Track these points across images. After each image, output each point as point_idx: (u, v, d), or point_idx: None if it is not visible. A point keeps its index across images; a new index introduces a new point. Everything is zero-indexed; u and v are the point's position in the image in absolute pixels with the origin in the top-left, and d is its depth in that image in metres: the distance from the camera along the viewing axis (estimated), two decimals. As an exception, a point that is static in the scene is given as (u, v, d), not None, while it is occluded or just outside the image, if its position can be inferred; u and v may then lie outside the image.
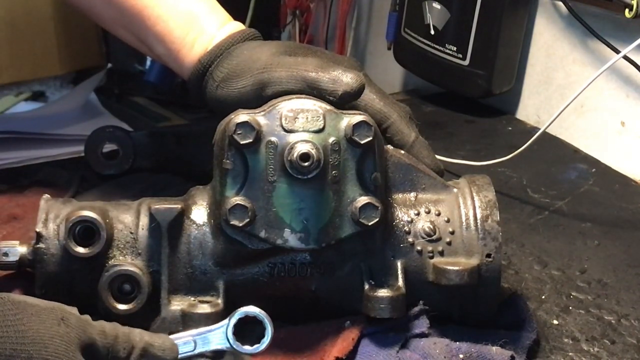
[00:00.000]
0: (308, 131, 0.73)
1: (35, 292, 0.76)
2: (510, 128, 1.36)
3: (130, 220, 0.77)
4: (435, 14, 1.36)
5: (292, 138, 0.73)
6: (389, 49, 1.52)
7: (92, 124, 1.04)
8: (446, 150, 1.20)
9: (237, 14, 0.92)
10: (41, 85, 1.51)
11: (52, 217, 0.77)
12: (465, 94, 1.40)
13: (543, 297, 0.90)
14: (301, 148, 0.72)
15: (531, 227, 1.05)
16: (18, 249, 0.78)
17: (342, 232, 0.74)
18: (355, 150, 0.74)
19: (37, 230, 0.76)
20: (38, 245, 0.76)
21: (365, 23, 1.72)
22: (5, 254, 0.78)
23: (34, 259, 0.76)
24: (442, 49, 1.37)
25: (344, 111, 0.75)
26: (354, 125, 0.73)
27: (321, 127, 0.73)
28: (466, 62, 1.34)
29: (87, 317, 0.64)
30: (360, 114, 0.75)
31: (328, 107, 0.75)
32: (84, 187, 1.01)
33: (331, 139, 0.73)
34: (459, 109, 1.40)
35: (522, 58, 1.37)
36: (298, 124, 0.73)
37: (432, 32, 1.37)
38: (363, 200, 0.74)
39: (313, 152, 0.72)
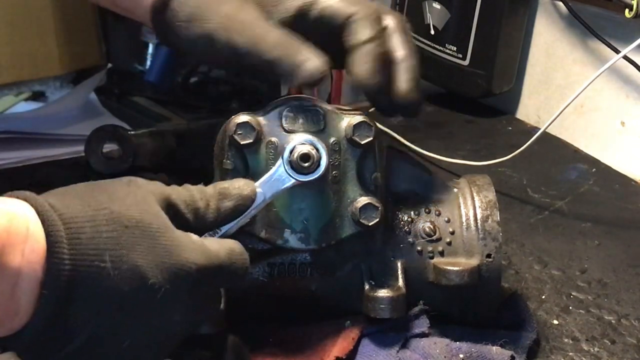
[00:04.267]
0: (308, 131, 0.73)
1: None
2: (510, 128, 1.36)
3: (130, 220, 0.77)
4: (435, 14, 1.36)
5: (292, 138, 0.73)
6: (389, 48, 1.52)
7: (92, 124, 1.04)
8: (446, 150, 1.20)
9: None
10: (41, 85, 1.51)
11: (52, 217, 0.77)
12: (465, 94, 1.40)
13: (543, 297, 0.90)
14: (301, 148, 0.72)
15: (531, 227, 1.05)
16: (18, 249, 0.78)
17: (342, 233, 0.74)
18: (355, 150, 0.74)
19: (38, 230, 0.76)
20: (38, 246, 0.76)
21: (365, 23, 1.72)
22: (6, 254, 0.78)
23: (34, 259, 0.76)
24: (442, 49, 1.37)
25: (344, 112, 0.75)
26: (354, 125, 0.73)
27: (321, 127, 0.73)
28: (466, 62, 1.34)
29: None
30: (360, 114, 0.75)
31: (329, 107, 0.75)
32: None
33: (331, 139, 0.73)
34: (459, 109, 1.40)
35: (522, 58, 1.37)
36: (298, 124, 0.74)
37: (432, 32, 1.37)
38: (363, 200, 0.74)
39: (313, 152, 0.72)
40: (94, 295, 0.55)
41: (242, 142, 0.73)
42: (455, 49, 1.35)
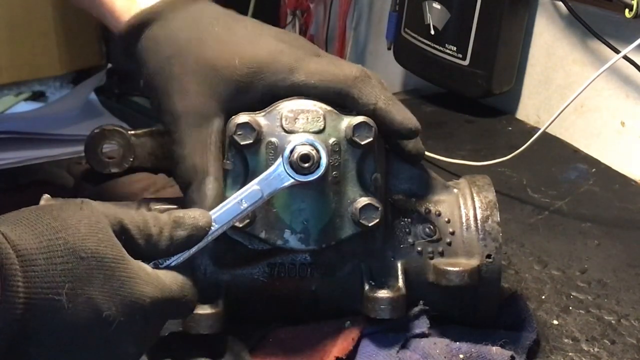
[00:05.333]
0: (308, 132, 0.73)
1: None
2: (510, 128, 1.36)
3: (130, 220, 0.77)
4: (435, 14, 1.36)
5: (292, 139, 0.73)
6: (389, 49, 1.52)
7: (92, 124, 1.04)
8: (446, 150, 1.20)
9: (237, 14, 0.92)
10: (41, 85, 1.51)
11: (52, 217, 0.77)
12: (465, 94, 1.40)
13: (543, 297, 0.90)
14: (301, 149, 0.72)
15: (531, 227, 1.05)
16: (18, 250, 0.78)
17: (342, 233, 0.74)
18: (355, 151, 0.74)
19: (38, 230, 0.76)
20: (38, 246, 0.76)
21: (365, 23, 1.72)
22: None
23: (34, 260, 0.76)
24: (442, 49, 1.37)
25: (344, 112, 0.75)
26: (354, 126, 0.73)
27: (321, 127, 0.73)
28: (466, 62, 1.34)
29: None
30: (360, 115, 0.74)
31: (328, 108, 0.74)
32: (84, 187, 1.01)
33: (331, 140, 0.73)
34: (459, 109, 1.40)
35: (522, 58, 1.37)
36: (298, 125, 0.73)
37: (432, 32, 1.37)
38: (363, 201, 0.74)
39: (313, 153, 0.71)
40: (48, 329, 0.55)
41: (242, 143, 0.73)
42: (455, 49, 1.35)
